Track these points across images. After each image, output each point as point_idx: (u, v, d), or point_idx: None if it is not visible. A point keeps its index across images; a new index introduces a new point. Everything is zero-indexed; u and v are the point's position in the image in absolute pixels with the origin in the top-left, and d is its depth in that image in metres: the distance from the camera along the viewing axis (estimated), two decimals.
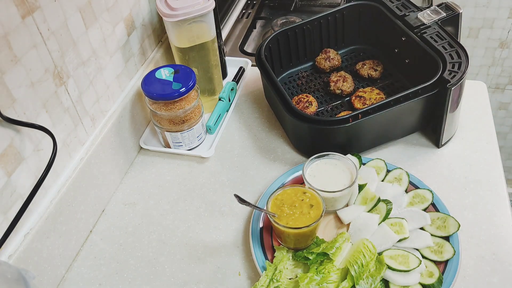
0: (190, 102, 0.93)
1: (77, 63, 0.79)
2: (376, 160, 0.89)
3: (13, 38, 0.64)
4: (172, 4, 0.91)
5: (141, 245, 0.85)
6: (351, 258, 0.72)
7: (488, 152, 0.92)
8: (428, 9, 0.98)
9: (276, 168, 0.95)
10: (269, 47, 1.05)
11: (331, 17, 1.09)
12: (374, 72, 1.06)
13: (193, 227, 0.87)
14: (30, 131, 0.70)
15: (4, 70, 0.63)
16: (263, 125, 1.05)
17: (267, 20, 1.40)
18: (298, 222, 0.74)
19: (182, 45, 0.97)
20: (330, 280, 0.70)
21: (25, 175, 0.70)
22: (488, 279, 0.73)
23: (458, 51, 0.89)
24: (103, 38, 0.86)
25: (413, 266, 0.71)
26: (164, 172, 0.98)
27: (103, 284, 0.80)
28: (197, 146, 1.01)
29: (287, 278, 0.73)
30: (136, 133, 1.01)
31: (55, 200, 0.76)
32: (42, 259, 0.74)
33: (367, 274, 0.70)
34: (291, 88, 1.10)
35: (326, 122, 0.88)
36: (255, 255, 0.77)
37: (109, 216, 0.90)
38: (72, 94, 0.79)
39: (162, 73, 0.93)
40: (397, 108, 0.86)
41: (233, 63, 1.21)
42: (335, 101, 1.04)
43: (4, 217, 0.68)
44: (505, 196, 0.85)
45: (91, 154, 0.85)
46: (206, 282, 0.78)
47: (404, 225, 0.77)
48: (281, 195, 0.78)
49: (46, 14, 0.70)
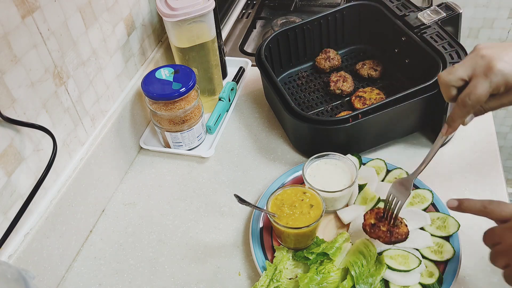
0: (190, 102, 0.93)
1: (77, 63, 0.79)
2: (376, 160, 0.89)
3: (13, 38, 0.64)
4: (172, 4, 0.91)
5: (141, 245, 0.85)
6: (351, 258, 0.72)
7: (488, 152, 0.92)
8: (428, 9, 0.98)
9: (276, 168, 0.95)
10: (269, 47, 1.05)
11: (331, 17, 1.09)
12: (374, 72, 1.06)
13: (193, 227, 0.87)
14: (30, 131, 0.70)
15: (4, 70, 0.63)
16: (263, 125, 1.05)
17: (267, 20, 1.40)
18: (298, 222, 0.74)
19: (182, 45, 0.97)
20: (330, 280, 0.70)
21: (25, 175, 0.70)
22: (488, 279, 0.73)
23: (458, 51, 0.89)
24: (103, 38, 0.86)
25: (413, 266, 0.71)
26: (164, 172, 0.98)
27: (103, 284, 0.80)
28: (197, 146, 1.01)
29: (287, 278, 0.73)
30: (136, 133, 1.01)
31: (55, 200, 0.76)
32: (42, 259, 0.74)
33: (367, 274, 0.70)
34: (291, 88, 1.10)
35: (326, 122, 0.88)
36: (255, 255, 0.77)
37: (109, 216, 0.90)
38: (72, 94, 0.79)
39: (162, 73, 0.93)
40: (397, 108, 0.86)
41: (233, 63, 1.21)
42: (335, 101, 1.04)
43: (4, 217, 0.68)
44: (505, 196, 0.85)
45: (91, 154, 0.85)
46: (206, 282, 0.78)
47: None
48: (281, 195, 0.78)
49: (46, 14, 0.70)
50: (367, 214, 0.74)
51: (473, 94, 0.63)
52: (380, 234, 0.70)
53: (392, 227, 0.71)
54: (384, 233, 0.69)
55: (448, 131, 0.70)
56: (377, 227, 0.71)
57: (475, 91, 0.63)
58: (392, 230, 0.70)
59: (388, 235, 0.69)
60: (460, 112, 0.67)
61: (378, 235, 0.70)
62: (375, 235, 0.71)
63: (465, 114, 0.67)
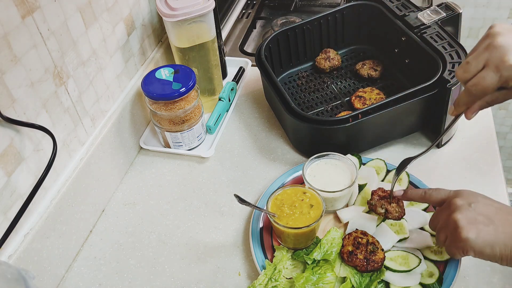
0: (190, 102, 0.93)
1: (77, 63, 0.79)
2: (376, 160, 0.89)
3: (13, 38, 0.64)
4: (172, 4, 0.91)
5: (141, 245, 0.85)
6: (350, 268, 0.73)
7: (488, 152, 0.92)
8: (428, 9, 0.98)
9: (276, 168, 0.95)
10: (269, 47, 1.05)
11: (331, 17, 1.09)
12: (374, 72, 1.06)
13: (193, 227, 0.87)
14: (30, 131, 0.70)
15: (4, 70, 0.63)
16: (263, 125, 1.05)
17: (267, 20, 1.40)
18: (298, 222, 0.74)
19: (182, 45, 0.97)
20: (326, 280, 0.70)
21: (25, 175, 0.70)
22: (488, 279, 0.73)
23: (458, 51, 0.89)
24: (103, 38, 0.86)
25: (413, 266, 0.71)
26: (164, 172, 0.98)
27: (103, 284, 0.80)
28: (197, 146, 1.01)
29: (285, 278, 0.73)
30: (136, 133, 1.01)
31: (55, 200, 0.76)
32: (42, 259, 0.74)
33: (368, 283, 0.71)
34: (291, 88, 1.10)
35: (326, 122, 0.88)
36: (255, 255, 0.77)
37: (109, 216, 0.90)
38: (72, 94, 0.79)
39: (162, 73, 0.93)
40: (397, 108, 0.86)
41: (233, 63, 1.21)
42: (335, 101, 1.04)
43: (4, 217, 0.68)
44: (505, 196, 0.85)
45: (91, 154, 0.85)
46: (206, 282, 0.78)
47: (404, 225, 0.77)
48: (281, 195, 0.78)
49: (46, 14, 0.70)
50: (345, 239, 0.75)
51: (480, 85, 0.64)
52: (357, 263, 0.72)
53: (369, 255, 0.72)
54: (361, 262, 0.72)
55: (454, 113, 0.72)
56: (354, 255, 0.72)
57: (483, 83, 0.64)
58: (368, 258, 0.72)
59: (364, 263, 0.71)
60: (465, 99, 0.68)
61: (355, 264, 0.72)
62: (352, 263, 0.72)
63: (470, 101, 0.68)
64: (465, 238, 0.60)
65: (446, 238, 0.64)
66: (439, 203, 0.69)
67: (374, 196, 0.78)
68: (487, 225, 0.60)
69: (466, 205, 0.63)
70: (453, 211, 0.63)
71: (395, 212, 0.75)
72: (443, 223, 0.65)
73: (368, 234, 0.76)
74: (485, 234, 0.60)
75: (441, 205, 0.68)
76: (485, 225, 0.60)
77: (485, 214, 0.61)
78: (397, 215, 0.75)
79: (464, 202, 0.63)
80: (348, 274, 0.71)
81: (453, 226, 0.62)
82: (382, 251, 0.73)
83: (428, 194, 0.70)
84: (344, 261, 0.73)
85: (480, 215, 0.61)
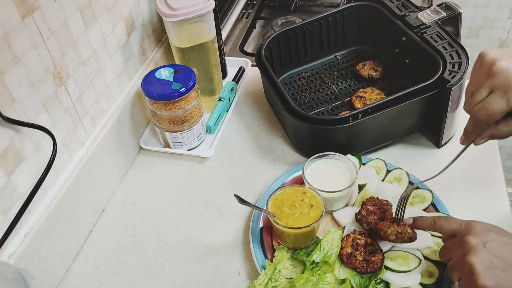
0: (190, 102, 0.93)
1: (77, 63, 0.79)
2: (376, 160, 0.89)
3: (13, 38, 0.64)
4: (172, 4, 0.91)
5: (141, 245, 0.85)
6: (350, 269, 0.73)
7: (488, 152, 0.92)
8: (428, 9, 0.98)
9: (276, 168, 0.95)
10: (269, 47, 1.05)
11: (331, 17, 1.09)
12: (374, 73, 1.06)
13: (193, 227, 0.87)
14: (30, 131, 0.70)
15: (4, 70, 0.63)
16: (263, 125, 1.05)
17: (267, 20, 1.40)
18: (298, 222, 0.74)
19: (182, 45, 0.97)
20: (325, 281, 0.70)
21: (25, 175, 0.70)
22: None
23: (458, 51, 0.89)
24: (103, 38, 0.86)
25: (413, 266, 0.71)
26: (164, 172, 0.98)
27: (103, 284, 0.80)
28: (197, 146, 1.01)
29: (285, 278, 0.73)
30: (136, 133, 1.01)
31: (55, 200, 0.76)
32: (42, 259, 0.74)
33: (367, 283, 0.71)
34: (291, 89, 1.09)
35: (326, 122, 0.88)
36: (255, 255, 0.77)
37: (109, 216, 0.90)
38: (72, 94, 0.79)
39: (162, 73, 0.93)
40: (397, 108, 0.86)
41: (233, 63, 1.21)
42: (336, 102, 1.04)
43: (4, 217, 0.68)
44: (505, 196, 0.85)
45: (91, 154, 0.85)
46: (206, 282, 0.78)
47: None
48: (281, 195, 0.78)
49: (46, 14, 0.70)
50: (343, 240, 0.75)
51: (486, 109, 0.62)
52: (357, 264, 0.72)
53: (368, 256, 0.72)
54: (360, 263, 0.71)
55: (464, 142, 0.70)
56: (353, 256, 0.72)
57: (489, 107, 0.61)
58: (368, 259, 0.72)
59: (364, 265, 0.71)
60: (473, 126, 0.66)
61: (354, 266, 0.72)
62: (351, 265, 0.72)
63: (477, 129, 0.65)
64: (483, 286, 0.56)
65: (461, 278, 0.60)
66: (450, 235, 0.65)
67: (362, 210, 0.76)
68: (505, 270, 0.57)
69: (481, 246, 0.59)
70: (467, 252, 0.59)
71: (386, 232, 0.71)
72: (456, 263, 0.61)
73: (366, 235, 0.76)
74: (504, 281, 0.56)
75: (452, 236, 0.64)
76: (502, 270, 0.57)
77: (502, 257, 0.58)
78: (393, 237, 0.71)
79: (478, 241, 0.59)
80: (348, 276, 0.71)
81: (469, 271, 0.58)
82: (381, 251, 0.73)
83: (438, 224, 0.66)
84: (343, 263, 0.73)
85: (497, 258, 0.58)
